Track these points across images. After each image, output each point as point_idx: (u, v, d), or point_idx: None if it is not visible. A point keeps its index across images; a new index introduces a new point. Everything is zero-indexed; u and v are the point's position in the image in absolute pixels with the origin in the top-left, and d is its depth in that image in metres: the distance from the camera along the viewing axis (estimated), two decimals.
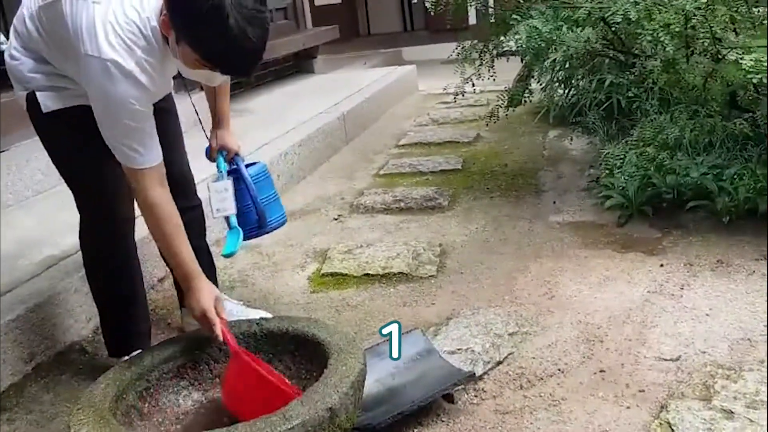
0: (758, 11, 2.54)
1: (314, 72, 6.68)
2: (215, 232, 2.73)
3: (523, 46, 2.85)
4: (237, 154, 2.14)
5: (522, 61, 3.30)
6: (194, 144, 2.16)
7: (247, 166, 2.15)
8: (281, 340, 1.75)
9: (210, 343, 1.74)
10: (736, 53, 2.13)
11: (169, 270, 2.20)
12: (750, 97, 2.94)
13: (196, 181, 2.18)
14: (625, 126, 3.62)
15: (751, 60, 2.09)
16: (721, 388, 1.64)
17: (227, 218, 2.06)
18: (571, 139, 3.82)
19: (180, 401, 1.70)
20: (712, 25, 2.21)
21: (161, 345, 1.76)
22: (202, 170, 2.25)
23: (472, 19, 6.04)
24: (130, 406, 1.59)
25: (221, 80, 1.95)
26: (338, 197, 3.56)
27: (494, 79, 3.35)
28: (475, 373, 1.80)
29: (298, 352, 1.73)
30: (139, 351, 1.83)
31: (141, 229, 1.90)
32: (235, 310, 2.26)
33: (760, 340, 1.84)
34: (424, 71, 6.84)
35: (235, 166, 2.13)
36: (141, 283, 2.03)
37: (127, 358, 1.91)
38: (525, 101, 3.46)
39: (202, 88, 2.15)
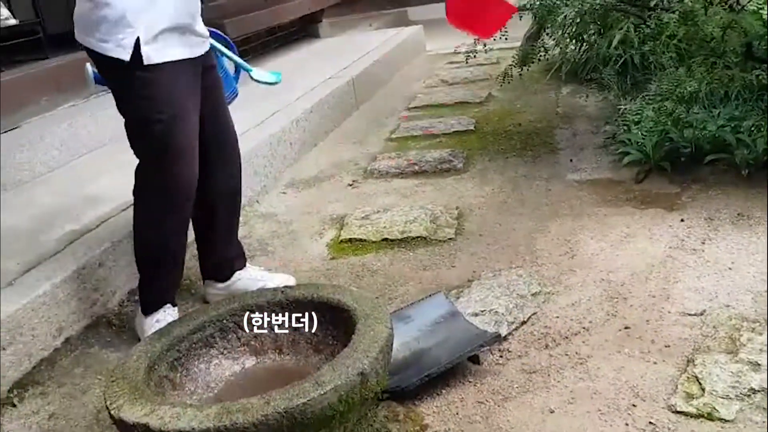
0: None
1: (320, 36, 6.60)
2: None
3: (536, 1, 2.79)
4: None
5: (534, 17, 3.24)
6: None
7: None
8: (307, 307, 1.76)
9: (237, 311, 1.76)
10: (756, 3, 2.08)
11: (195, 237, 2.23)
12: (766, 47, 2.89)
13: None
14: (640, 81, 3.57)
15: None
16: (747, 341, 1.65)
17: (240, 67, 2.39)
18: (587, 96, 3.77)
19: (211, 370, 1.72)
20: None
21: (189, 316, 1.77)
22: None
23: None
24: (163, 377, 1.61)
25: None
26: (352, 163, 3.54)
27: (506, 38, 3.30)
28: (500, 334, 1.81)
29: (325, 318, 1.74)
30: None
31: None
32: (259, 276, 2.28)
33: None
34: (431, 31, 6.74)
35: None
36: None
37: (157, 318, 1.99)
38: (538, 59, 3.41)
39: None
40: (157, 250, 2.00)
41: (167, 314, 2.04)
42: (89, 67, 2.22)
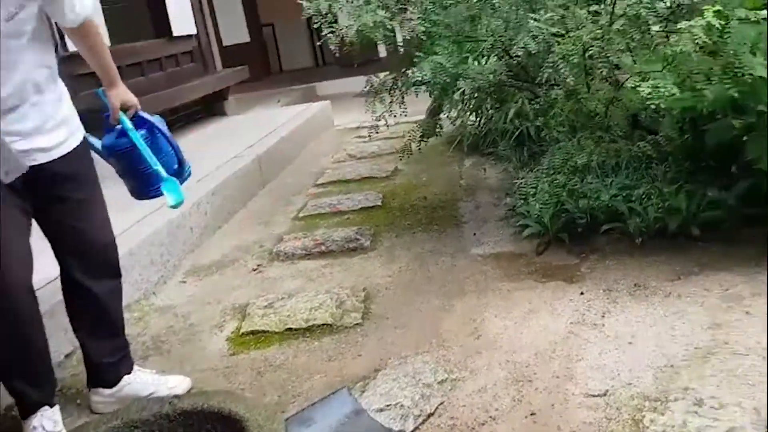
0: (652, 35, 2.63)
1: (226, 113, 6.55)
2: None
3: (430, 81, 2.85)
4: (138, 109, 2.12)
5: (430, 95, 3.31)
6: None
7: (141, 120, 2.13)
8: (196, 419, 1.64)
9: (119, 429, 1.62)
10: (634, 80, 2.18)
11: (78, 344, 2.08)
12: (651, 117, 3.04)
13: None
14: (537, 152, 3.68)
15: (648, 87, 2.13)
16: (649, 422, 1.64)
17: (154, 172, 2.05)
18: (485, 170, 3.85)
19: None
20: (608, 54, 2.26)
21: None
22: None
23: (383, 52, 6.07)
24: None
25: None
26: (257, 245, 3.44)
27: (405, 115, 3.34)
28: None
29: (216, 430, 1.62)
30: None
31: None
32: (150, 380, 2.13)
33: (683, 365, 1.86)
34: (339, 105, 6.83)
35: (143, 120, 2.11)
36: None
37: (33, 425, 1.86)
38: (438, 134, 3.47)
39: None
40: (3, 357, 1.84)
41: (44, 417, 1.88)
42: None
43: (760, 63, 2.08)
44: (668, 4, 2.29)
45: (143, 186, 2.15)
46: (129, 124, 2.08)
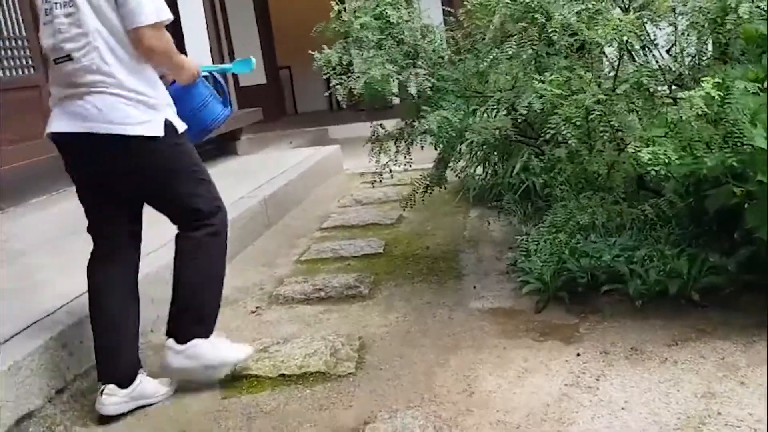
0: (654, 100, 2.66)
1: (237, 153, 6.64)
2: None
3: (435, 134, 2.89)
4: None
5: (435, 148, 3.35)
6: None
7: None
8: None
9: None
10: (635, 146, 2.20)
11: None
12: (657, 178, 3.05)
13: None
14: (541, 207, 3.69)
15: (648, 153, 2.16)
16: None
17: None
18: (489, 222, 3.87)
19: None
20: (610, 119, 2.29)
21: None
22: None
23: (396, 98, 6.14)
24: None
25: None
26: (257, 287, 3.46)
27: (410, 166, 3.38)
28: None
29: None
30: None
31: None
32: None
33: None
34: (350, 150, 6.89)
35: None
36: None
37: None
38: (443, 187, 3.50)
39: None
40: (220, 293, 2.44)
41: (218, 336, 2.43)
42: None
43: (760, 134, 2.10)
44: (672, 72, 2.33)
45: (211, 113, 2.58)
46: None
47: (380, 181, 3.51)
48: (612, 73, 2.41)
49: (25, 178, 3.94)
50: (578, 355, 2.37)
